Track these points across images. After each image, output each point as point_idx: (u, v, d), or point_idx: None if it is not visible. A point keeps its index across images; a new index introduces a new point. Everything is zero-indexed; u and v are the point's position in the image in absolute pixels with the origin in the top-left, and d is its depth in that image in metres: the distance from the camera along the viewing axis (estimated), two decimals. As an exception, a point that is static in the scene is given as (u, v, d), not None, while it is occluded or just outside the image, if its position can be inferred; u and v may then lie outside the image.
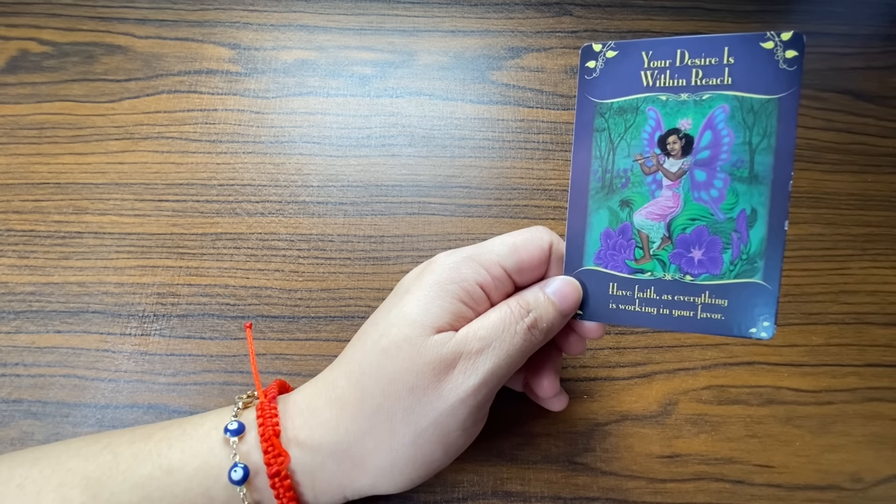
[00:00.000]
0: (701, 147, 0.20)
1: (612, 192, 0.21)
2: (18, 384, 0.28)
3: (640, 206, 0.21)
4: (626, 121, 0.21)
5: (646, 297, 0.21)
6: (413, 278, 0.23)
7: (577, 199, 0.22)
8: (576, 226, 0.22)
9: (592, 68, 0.21)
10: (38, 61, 0.35)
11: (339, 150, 0.34)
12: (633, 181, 0.21)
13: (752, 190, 0.20)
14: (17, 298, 0.30)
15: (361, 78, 0.36)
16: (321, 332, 0.30)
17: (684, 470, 0.28)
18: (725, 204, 0.20)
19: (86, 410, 0.28)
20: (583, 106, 0.22)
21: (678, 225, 0.21)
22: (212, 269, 0.31)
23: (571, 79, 0.36)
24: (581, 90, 0.22)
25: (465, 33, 0.37)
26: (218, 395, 0.28)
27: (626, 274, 0.21)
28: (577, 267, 0.22)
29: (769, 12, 0.39)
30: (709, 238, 0.20)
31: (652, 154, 0.21)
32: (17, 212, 0.32)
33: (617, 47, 0.21)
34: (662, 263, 0.21)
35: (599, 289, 0.22)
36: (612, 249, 0.21)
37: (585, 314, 0.22)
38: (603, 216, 0.21)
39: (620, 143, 0.21)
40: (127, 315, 0.30)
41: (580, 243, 0.22)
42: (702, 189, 0.20)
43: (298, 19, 0.37)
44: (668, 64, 0.20)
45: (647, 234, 0.21)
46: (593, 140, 0.21)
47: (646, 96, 0.21)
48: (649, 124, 0.21)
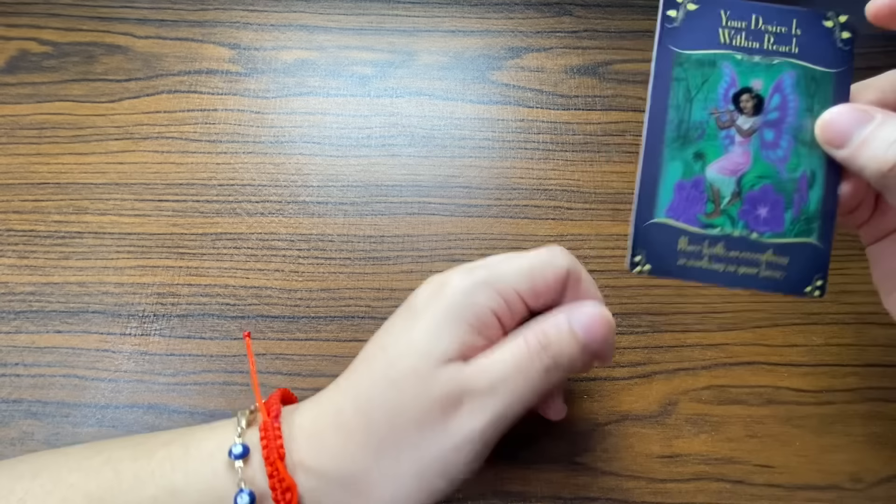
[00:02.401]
0: (770, 108, 0.21)
1: (687, 143, 0.21)
2: (18, 384, 0.28)
3: (713, 160, 0.21)
4: (703, 74, 0.21)
5: (715, 254, 0.21)
6: (425, 300, 0.22)
7: (651, 148, 0.21)
8: (650, 175, 0.21)
9: (673, 17, 0.21)
10: (38, 61, 0.35)
11: (339, 150, 0.34)
12: (707, 134, 0.21)
13: (813, 154, 0.21)
14: (17, 298, 0.30)
15: (361, 78, 0.36)
16: (321, 332, 0.30)
17: (684, 470, 0.28)
18: (790, 164, 0.21)
19: (86, 410, 0.28)
20: (662, 54, 0.22)
21: (747, 182, 0.21)
22: (212, 269, 0.31)
23: (571, 79, 0.37)
24: (661, 39, 0.22)
25: (465, 33, 0.37)
26: (218, 395, 0.28)
27: (697, 228, 0.21)
28: (648, 219, 0.21)
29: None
30: (774, 196, 0.21)
31: (726, 110, 0.21)
32: (17, 212, 0.32)
33: (698, 1, 0.21)
34: (732, 219, 0.21)
35: (669, 243, 0.21)
36: (685, 201, 0.21)
37: (654, 269, 0.21)
38: (677, 167, 0.21)
39: (697, 96, 0.21)
40: (127, 315, 0.30)
41: (652, 194, 0.21)
42: (769, 148, 0.21)
43: (298, 19, 0.37)
44: (744, 26, 0.21)
45: (718, 188, 0.21)
46: (671, 89, 0.21)
47: (723, 53, 0.21)
48: (725, 80, 0.21)
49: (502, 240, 0.32)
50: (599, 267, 0.32)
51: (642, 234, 0.21)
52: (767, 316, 0.31)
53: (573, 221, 0.33)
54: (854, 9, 0.21)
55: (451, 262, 0.31)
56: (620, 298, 0.31)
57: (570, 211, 0.33)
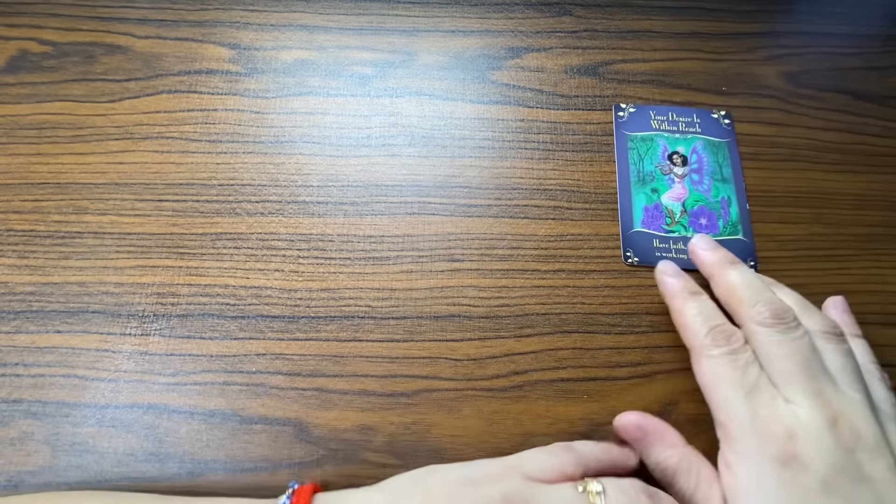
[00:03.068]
0: (692, 162, 0.34)
1: (645, 184, 0.33)
2: (18, 384, 0.28)
3: (664, 193, 0.33)
4: (646, 145, 0.34)
5: (679, 248, 0.32)
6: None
7: (624, 188, 0.33)
8: (625, 204, 0.33)
9: (622, 115, 0.35)
10: (38, 61, 0.35)
11: (339, 150, 0.34)
12: (657, 178, 0.33)
13: (725, 186, 0.33)
14: (17, 298, 0.30)
15: (361, 78, 0.36)
16: (321, 332, 0.30)
17: (684, 470, 0.28)
18: (713, 193, 0.33)
19: (86, 410, 0.28)
20: (619, 135, 0.35)
21: (689, 204, 0.33)
22: (212, 269, 0.31)
23: (571, 79, 0.37)
24: (617, 127, 0.35)
25: (465, 33, 0.37)
26: (218, 395, 0.28)
27: (662, 233, 0.32)
28: (630, 229, 0.32)
29: (769, 12, 0.39)
30: (707, 212, 0.33)
31: (666, 164, 0.34)
32: (17, 212, 0.32)
33: (635, 107, 0.35)
34: (684, 227, 0.32)
35: (647, 244, 0.32)
36: (651, 217, 0.32)
37: (641, 260, 0.31)
38: (641, 198, 0.33)
39: (645, 156, 0.34)
40: (127, 315, 0.30)
41: (629, 214, 0.32)
42: (697, 184, 0.33)
43: (298, 19, 0.37)
44: (666, 118, 0.35)
45: (671, 209, 0.33)
46: (629, 154, 0.34)
47: (656, 133, 0.35)
48: (661, 148, 0.34)
49: (502, 240, 0.32)
50: (599, 267, 0.32)
51: (628, 238, 0.32)
52: (767, 316, 0.31)
53: (573, 221, 0.33)
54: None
55: (451, 261, 0.31)
56: (620, 298, 0.31)
57: (570, 211, 0.33)
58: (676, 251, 0.32)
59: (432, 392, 0.29)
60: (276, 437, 0.28)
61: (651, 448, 0.26)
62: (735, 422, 0.24)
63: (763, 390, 0.24)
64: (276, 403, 0.28)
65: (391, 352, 0.29)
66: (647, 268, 0.31)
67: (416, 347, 0.30)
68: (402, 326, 0.30)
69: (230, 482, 0.27)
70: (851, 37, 0.39)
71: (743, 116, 0.36)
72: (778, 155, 0.35)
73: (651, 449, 0.26)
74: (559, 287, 0.31)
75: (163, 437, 0.28)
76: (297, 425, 0.28)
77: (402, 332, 0.30)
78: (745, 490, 0.23)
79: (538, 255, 0.32)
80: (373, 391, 0.29)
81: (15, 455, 0.27)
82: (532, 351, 0.30)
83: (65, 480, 0.27)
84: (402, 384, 0.29)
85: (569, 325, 0.30)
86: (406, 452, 0.28)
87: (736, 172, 0.33)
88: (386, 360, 0.29)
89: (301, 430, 0.28)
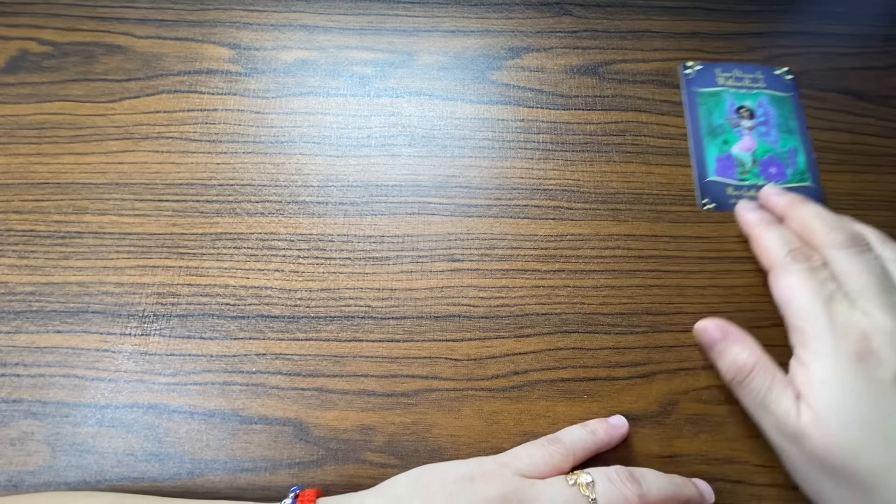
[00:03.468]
0: (759, 115, 0.36)
1: (716, 136, 0.35)
2: (18, 384, 0.28)
3: (734, 144, 0.35)
4: (714, 100, 0.36)
5: (750, 195, 0.33)
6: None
7: (696, 141, 0.35)
8: (699, 155, 0.34)
9: (689, 73, 0.36)
10: (38, 61, 0.35)
11: (339, 150, 0.34)
12: (727, 130, 0.35)
13: (792, 137, 0.35)
14: (17, 298, 0.30)
15: (361, 78, 0.36)
16: (321, 332, 0.30)
17: (684, 470, 0.28)
18: (780, 144, 0.35)
19: (86, 410, 0.28)
20: (689, 92, 0.36)
21: (758, 154, 0.35)
22: (212, 269, 0.31)
23: (571, 79, 0.37)
24: (686, 84, 0.36)
25: (465, 33, 0.37)
26: (218, 395, 0.28)
27: (735, 181, 0.34)
28: (705, 178, 0.34)
29: (769, 12, 0.39)
30: (776, 161, 0.34)
31: (734, 117, 0.35)
32: (17, 212, 0.32)
33: (701, 65, 0.37)
34: (756, 175, 0.34)
35: (721, 191, 0.34)
36: (723, 167, 0.34)
37: (717, 207, 0.33)
38: (713, 149, 0.35)
39: (715, 110, 0.36)
40: (127, 315, 0.30)
41: (703, 164, 0.34)
42: (765, 136, 0.35)
43: (298, 19, 0.37)
44: (731, 75, 0.37)
45: (742, 159, 0.34)
46: (699, 109, 0.36)
47: (722, 89, 0.36)
48: (728, 102, 0.36)
49: (502, 240, 0.32)
50: (599, 267, 0.32)
51: (704, 186, 0.34)
52: (767, 316, 0.31)
53: (573, 221, 0.33)
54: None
55: (450, 262, 0.31)
56: (620, 298, 0.31)
57: (570, 211, 0.33)
58: (750, 198, 0.33)
59: (432, 392, 0.29)
60: (276, 437, 0.28)
61: (730, 348, 0.28)
62: (813, 325, 0.26)
63: (840, 301, 0.26)
64: (276, 403, 0.28)
65: (391, 352, 0.29)
66: (721, 214, 0.33)
67: (416, 347, 0.30)
68: (402, 326, 0.30)
69: (230, 482, 0.27)
70: (851, 37, 0.39)
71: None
72: (778, 155, 0.35)
73: (730, 349, 0.28)
74: (559, 287, 0.31)
75: (163, 437, 0.28)
76: (297, 425, 0.28)
77: (402, 332, 0.30)
78: (824, 380, 0.25)
79: (538, 255, 0.32)
80: (373, 391, 0.29)
81: (15, 455, 0.27)
82: (532, 351, 0.30)
83: (65, 480, 0.27)
84: (402, 384, 0.29)
85: (569, 325, 0.30)
86: (406, 452, 0.28)
87: (801, 124, 0.35)
88: (386, 360, 0.29)
89: (301, 430, 0.28)
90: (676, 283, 0.31)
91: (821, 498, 0.25)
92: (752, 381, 0.27)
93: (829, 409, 0.24)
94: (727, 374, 0.28)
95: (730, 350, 0.28)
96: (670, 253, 0.32)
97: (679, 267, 0.32)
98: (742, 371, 0.27)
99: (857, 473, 0.23)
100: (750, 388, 0.27)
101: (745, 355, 0.27)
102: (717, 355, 0.29)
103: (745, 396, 0.27)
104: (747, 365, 0.27)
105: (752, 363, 0.27)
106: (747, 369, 0.27)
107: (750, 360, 0.27)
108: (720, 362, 0.28)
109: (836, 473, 0.24)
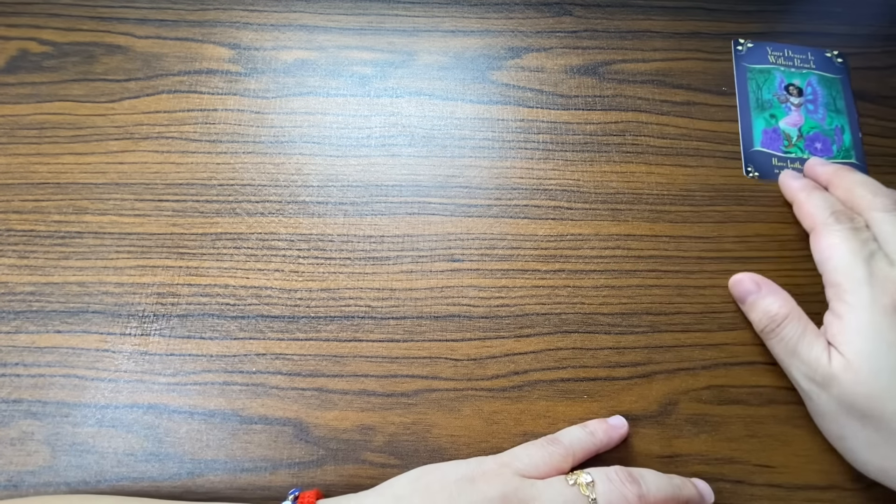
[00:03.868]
0: (807, 93, 0.37)
1: (764, 110, 0.36)
2: (18, 384, 0.28)
3: (781, 118, 0.36)
4: (764, 76, 0.37)
5: (794, 167, 0.34)
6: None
7: (744, 113, 0.36)
8: (746, 126, 0.35)
9: (741, 49, 0.38)
10: (38, 61, 0.35)
11: (339, 150, 0.34)
12: (775, 105, 0.36)
13: (839, 116, 0.36)
14: (17, 298, 0.30)
15: (361, 78, 0.36)
16: (321, 332, 0.30)
17: (684, 470, 0.28)
18: (827, 122, 0.36)
19: (86, 410, 0.28)
20: (739, 67, 0.37)
21: (805, 129, 0.36)
22: (212, 269, 0.31)
23: (571, 79, 0.37)
24: (737, 60, 0.37)
25: (465, 33, 0.37)
26: (218, 395, 0.28)
27: (780, 153, 0.35)
28: (751, 148, 0.35)
29: (769, 12, 0.39)
30: (822, 138, 0.35)
31: (783, 93, 0.36)
32: (17, 212, 0.32)
33: (752, 43, 0.38)
34: (801, 149, 0.35)
35: (766, 161, 0.35)
36: (769, 139, 0.35)
37: (761, 175, 0.34)
38: (761, 122, 0.36)
39: (763, 86, 0.37)
40: (127, 315, 0.30)
41: (750, 135, 0.35)
42: (812, 114, 0.36)
43: (298, 19, 0.37)
44: (782, 54, 0.38)
45: (788, 133, 0.35)
46: (748, 84, 0.37)
47: (772, 66, 0.37)
48: (778, 79, 0.37)
49: (502, 240, 0.32)
50: (599, 267, 0.32)
51: (749, 155, 0.35)
52: (767, 316, 0.31)
53: (573, 221, 0.33)
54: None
55: (450, 261, 0.31)
56: (620, 298, 0.31)
57: (570, 211, 0.33)
58: (794, 170, 0.34)
59: (432, 392, 0.29)
60: (276, 437, 0.28)
61: (764, 298, 0.29)
62: (851, 279, 0.26)
63: (880, 259, 0.27)
64: (276, 403, 0.28)
65: (391, 352, 0.29)
66: (768, 182, 0.34)
67: (416, 347, 0.30)
68: (402, 326, 0.30)
69: (230, 482, 0.27)
70: (851, 37, 0.39)
71: (743, 116, 0.36)
72: (778, 155, 0.35)
73: (764, 299, 0.29)
74: (559, 287, 0.31)
75: (163, 437, 0.28)
76: (297, 425, 0.28)
77: (402, 332, 0.30)
78: (858, 329, 0.26)
79: (538, 255, 0.32)
80: (373, 391, 0.29)
81: (15, 455, 0.27)
82: (532, 351, 0.30)
83: (65, 480, 0.27)
84: (402, 384, 0.29)
85: (569, 325, 0.30)
86: (406, 452, 0.28)
87: (849, 105, 0.36)
88: (386, 360, 0.29)
89: (301, 430, 0.28)
90: (676, 283, 0.31)
91: (843, 442, 0.26)
92: (784, 329, 0.27)
93: (861, 356, 0.25)
94: (759, 323, 0.29)
95: (763, 300, 0.29)
96: (670, 253, 0.32)
97: (679, 267, 0.32)
98: (775, 319, 0.28)
99: (884, 416, 0.24)
100: (782, 335, 0.28)
101: (778, 305, 0.28)
102: (750, 306, 0.29)
103: (776, 344, 0.28)
104: (781, 314, 0.28)
105: (785, 312, 0.28)
106: (781, 317, 0.28)
107: (783, 309, 0.28)
108: (752, 313, 0.29)
109: (864, 416, 0.25)
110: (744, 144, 0.35)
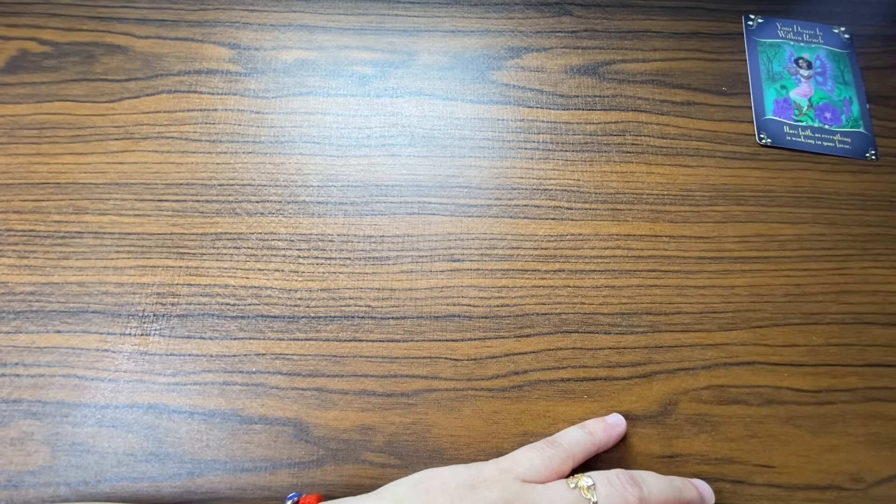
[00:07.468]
0: (816, 66, 0.38)
1: (775, 81, 0.37)
2: (18, 384, 0.28)
3: (792, 89, 0.37)
4: (774, 50, 0.38)
5: (806, 135, 0.36)
6: None
7: (755, 84, 0.37)
8: (757, 96, 0.37)
9: (752, 24, 0.39)
10: (38, 61, 0.35)
11: (339, 150, 0.34)
12: (785, 77, 0.38)
13: (847, 88, 0.37)
14: (17, 298, 0.30)
15: (361, 78, 0.36)
16: (321, 332, 0.30)
17: (684, 470, 0.28)
18: (836, 93, 0.37)
19: (86, 410, 0.28)
20: (750, 41, 0.38)
21: (815, 100, 0.37)
22: (212, 269, 0.31)
23: (571, 78, 0.37)
24: (748, 35, 0.39)
25: (465, 33, 0.37)
26: (218, 395, 0.28)
27: (791, 121, 0.36)
28: (763, 116, 0.36)
29: (769, 12, 0.39)
30: (832, 108, 0.36)
31: (793, 66, 0.38)
32: (17, 212, 0.32)
33: (762, 18, 0.39)
34: (811, 118, 0.36)
35: (778, 129, 0.36)
36: (781, 108, 0.36)
37: (773, 142, 0.35)
38: (772, 92, 0.37)
39: (774, 58, 0.38)
40: (127, 315, 0.30)
41: (761, 104, 0.36)
42: (821, 85, 0.37)
43: (298, 19, 0.37)
44: (791, 29, 0.39)
45: (799, 103, 0.37)
46: (759, 57, 0.38)
47: (782, 41, 0.39)
48: (788, 53, 0.38)
49: (502, 240, 0.32)
50: (599, 267, 0.32)
51: (761, 123, 0.36)
52: (767, 316, 0.31)
53: (573, 221, 0.33)
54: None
55: (451, 261, 0.31)
56: (620, 298, 0.31)
57: (570, 211, 0.33)
58: (805, 137, 0.36)
59: (432, 392, 0.29)
60: (276, 437, 0.28)
61: None
62: None
63: None
64: (276, 403, 0.28)
65: (391, 352, 0.29)
66: (778, 149, 0.36)
67: (416, 347, 0.30)
68: (402, 326, 0.30)
69: (230, 482, 0.27)
70: (851, 37, 0.39)
71: (743, 116, 0.36)
72: (779, 155, 0.35)
73: None
74: (559, 287, 0.31)
75: (163, 437, 0.28)
76: (297, 425, 0.28)
77: (402, 332, 0.30)
78: None
79: (538, 255, 0.32)
80: (373, 391, 0.29)
81: (15, 455, 0.27)
82: (532, 351, 0.30)
83: (65, 480, 0.27)
84: (402, 384, 0.29)
85: (569, 325, 0.30)
86: (406, 452, 0.28)
87: (856, 78, 0.38)
88: (386, 360, 0.29)
89: (301, 430, 0.28)
90: (676, 283, 0.31)
91: None
92: None
93: None
94: None
95: None
96: (670, 253, 0.32)
97: (679, 267, 0.32)
98: None
99: None
100: None
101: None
102: None
103: None
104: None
105: None
106: None
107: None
108: None
109: None
110: (756, 113, 0.36)
